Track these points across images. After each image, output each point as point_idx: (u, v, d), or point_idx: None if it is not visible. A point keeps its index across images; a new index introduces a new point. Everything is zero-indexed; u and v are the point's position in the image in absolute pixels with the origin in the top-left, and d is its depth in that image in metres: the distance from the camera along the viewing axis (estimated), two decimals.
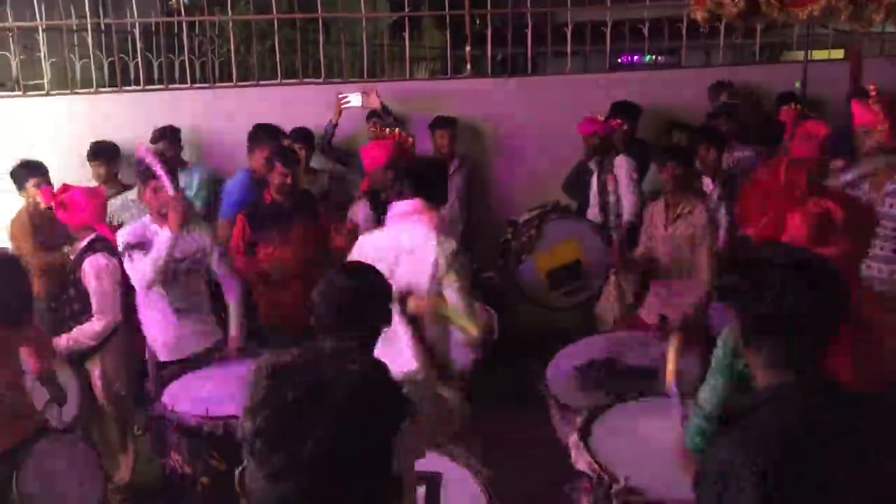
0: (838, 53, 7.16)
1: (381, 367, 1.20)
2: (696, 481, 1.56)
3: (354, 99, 5.65)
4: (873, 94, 3.41)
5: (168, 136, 5.41)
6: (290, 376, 1.12)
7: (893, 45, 6.86)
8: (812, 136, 4.57)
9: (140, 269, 3.78)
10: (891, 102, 3.31)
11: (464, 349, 3.48)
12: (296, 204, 4.46)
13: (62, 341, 3.78)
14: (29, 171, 4.69)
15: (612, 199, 5.31)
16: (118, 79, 6.00)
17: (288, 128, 5.39)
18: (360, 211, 4.57)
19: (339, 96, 5.66)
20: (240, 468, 1.16)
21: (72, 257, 4.01)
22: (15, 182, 4.70)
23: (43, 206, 4.08)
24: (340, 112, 5.65)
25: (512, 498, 3.59)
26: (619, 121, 5.44)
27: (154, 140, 5.32)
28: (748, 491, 1.43)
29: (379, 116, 5.61)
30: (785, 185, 2.25)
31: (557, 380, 3.75)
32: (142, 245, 3.82)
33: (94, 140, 5.30)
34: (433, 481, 1.10)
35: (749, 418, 1.58)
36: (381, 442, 1.12)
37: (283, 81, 6.17)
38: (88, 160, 5.23)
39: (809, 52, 5.80)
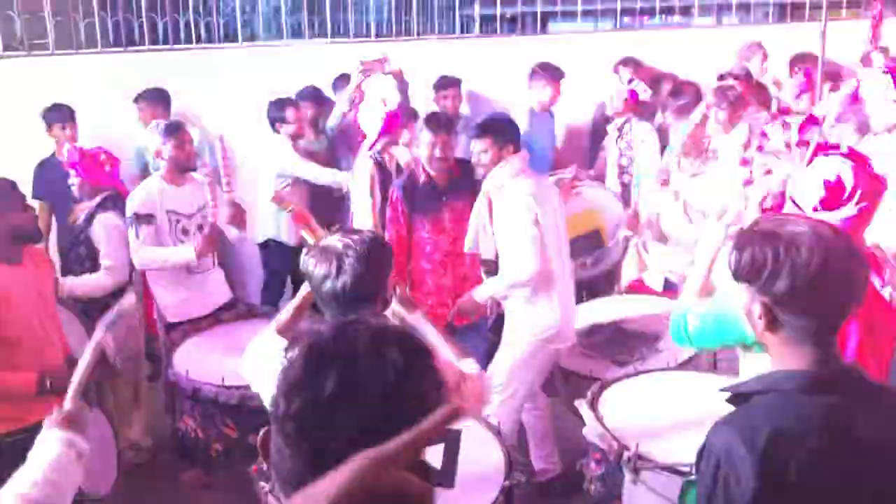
0: (852, 15, 7.04)
1: (425, 355, 1.14)
2: (697, 464, 1.54)
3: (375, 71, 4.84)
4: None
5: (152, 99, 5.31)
6: (326, 361, 1.07)
7: None
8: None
9: (136, 249, 3.82)
10: None
11: None
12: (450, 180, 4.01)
13: (67, 282, 3.80)
14: (55, 115, 4.87)
15: (629, 165, 5.22)
16: (122, 39, 5.94)
17: (297, 89, 5.35)
18: None
19: (362, 63, 4.85)
20: (263, 431, 1.14)
21: (81, 216, 4.02)
22: (45, 124, 4.89)
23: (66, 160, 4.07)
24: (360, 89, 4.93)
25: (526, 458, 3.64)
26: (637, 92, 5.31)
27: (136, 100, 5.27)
28: (746, 477, 1.41)
29: None
30: (797, 143, 2.22)
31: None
32: (150, 218, 3.84)
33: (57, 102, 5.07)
34: (453, 439, 1.10)
35: (754, 404, 1.55)
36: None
37: (290, 42, 6.11)
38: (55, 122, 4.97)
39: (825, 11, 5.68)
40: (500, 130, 3.64)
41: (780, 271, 1.48)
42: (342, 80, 5.49)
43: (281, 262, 5.11)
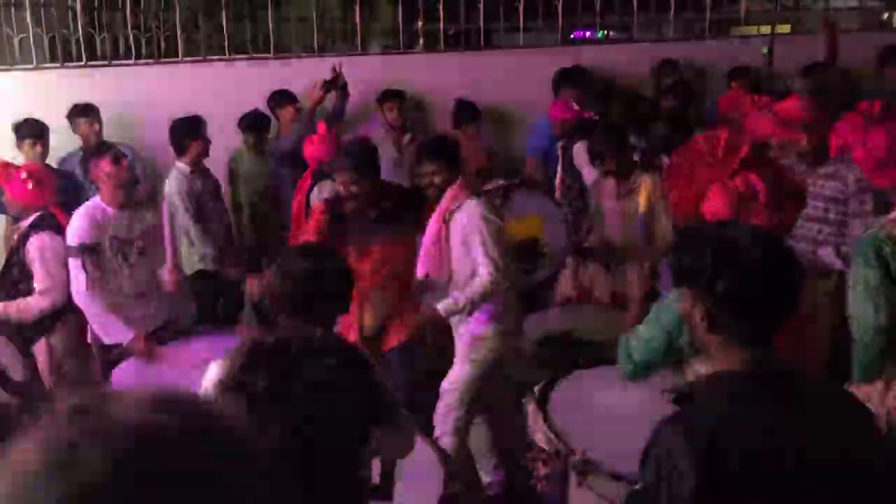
0: (785, 28, 7.25)
1: (363, 364, 1.14)
2: (641, 464, 1.56)
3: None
4: None
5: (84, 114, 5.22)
6: (265, 361, 1.08)
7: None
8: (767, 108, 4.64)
9: (82, 279, 3.68)
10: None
11: None
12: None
13: (1, 306, 3.70)
14: (25, 130, 4.89)
15: (573, 184, 5.27)
16: (59, 55, 5.82)
17: (237, 105, 5.28)
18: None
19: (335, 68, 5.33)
20: None
21: (15, 236, 3.90)
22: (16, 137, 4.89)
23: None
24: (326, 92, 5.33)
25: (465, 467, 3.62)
26: (592, 112, 5.38)
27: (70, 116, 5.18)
28: (688, 477, 1.43)
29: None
30: (723, 154, 2.26)
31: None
32: (95, 249, 3.72)
33: (30, 118, 5.06)
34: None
35: (695, 404, 1.58)
36: (345, 443, 1.08)
37: (233, 57, 6.04)
38: (25, 138, 4.98)
39: (773, 25, 5.84)
40: (452, 151, 3.66)
41: (721, 272, 1.50)
42: (277, 97, 5.46)
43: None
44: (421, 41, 6.26)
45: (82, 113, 5.16)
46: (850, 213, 3.39)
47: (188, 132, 4.57)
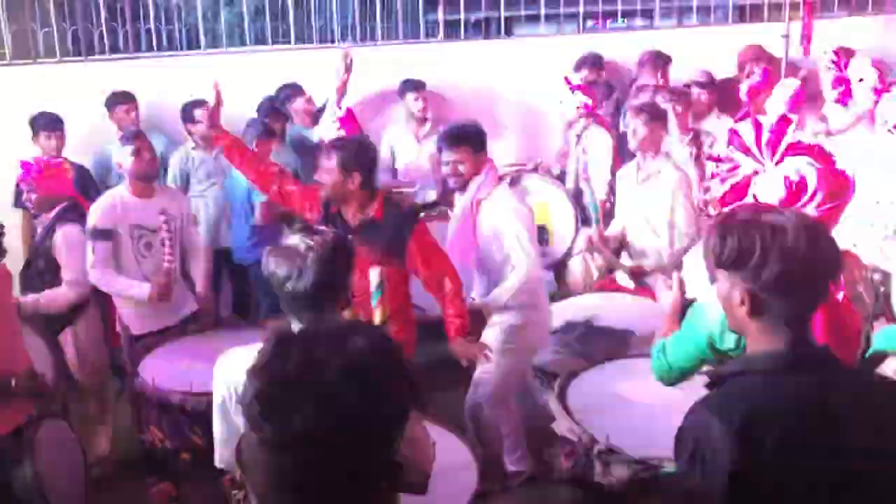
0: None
1: (392, 348, 1.15)
2: (677, 440, 1.57)
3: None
4: None
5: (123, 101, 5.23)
6: (294, 345, 1.10)
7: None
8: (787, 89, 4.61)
9: (92, 267, 3.73)
10: None
11: None
12: None
13: (29, 299, 3.73)
14: (42, 123, 4.84)
15: (585, 172, 5.23)
16: (82, 48, 5.85)
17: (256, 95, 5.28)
18: None
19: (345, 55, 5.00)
20: (238, 438, 1.15)
21: (39, 228, 3.94)
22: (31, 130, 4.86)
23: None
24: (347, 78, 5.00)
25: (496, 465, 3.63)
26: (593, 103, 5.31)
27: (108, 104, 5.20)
28: (722, 455, 1.44)
29: None
30: (767, 143, 2.24)
31: None
32: (108, 233, 3.76)
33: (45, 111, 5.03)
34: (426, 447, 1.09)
35: (730, 384, 1.59)
36: (378, 425, 1.09)
37: (253, 48, 6.06)
38: (41, 130, 4.95)
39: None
40: (476, 138, 3.61)
41: (769, 256, 1.52)
42: (287, 90, 5.43)
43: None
44: (441, 30, 6.21)
45: (121, 100, 5.17)
46: None
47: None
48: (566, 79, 5.27)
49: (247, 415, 1.09)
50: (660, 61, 5.67)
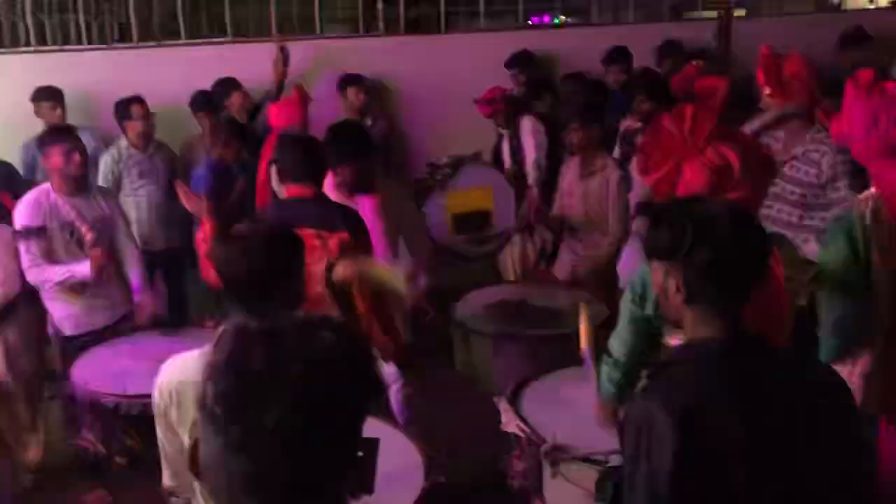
0: (740, 13, 7.33)
1: (358, 339, 1.12)
2: (620, 432, 1.58)
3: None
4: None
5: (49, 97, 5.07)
6: (256, 342, 1.05)
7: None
8: (710, 91, 4.67)
9: (30, 266, 3.62)
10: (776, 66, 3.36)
11: None
12: None
13: None
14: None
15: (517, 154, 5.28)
16: (7, 39, 5.63)
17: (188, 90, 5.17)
18: None
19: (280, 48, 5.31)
20: (191, 442, 1.09)
21: None
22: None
23: None
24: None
25: (443, 458, 3.61)
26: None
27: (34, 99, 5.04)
28: (667, 440, 1.45)
29: None
30: (689, 131, 2.27)
31: (465, 314, 3.91)
32: (41, 231, 3.63)
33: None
34: (370, 446, 1.05)
35: (669, 373, 1.62)
36: (346, 420, 1.06)
37: (188, 41, 5.91)
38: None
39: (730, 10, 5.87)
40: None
41: (702, 245, 1.54)
42: (224, 84, 5.34)
43: None
44: (381, 25, 6.17)
45: (46, 97, 5.01)
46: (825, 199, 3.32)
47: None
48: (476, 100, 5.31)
49: (208, 419, 1.03)
50: (624, 58, 5.75)
